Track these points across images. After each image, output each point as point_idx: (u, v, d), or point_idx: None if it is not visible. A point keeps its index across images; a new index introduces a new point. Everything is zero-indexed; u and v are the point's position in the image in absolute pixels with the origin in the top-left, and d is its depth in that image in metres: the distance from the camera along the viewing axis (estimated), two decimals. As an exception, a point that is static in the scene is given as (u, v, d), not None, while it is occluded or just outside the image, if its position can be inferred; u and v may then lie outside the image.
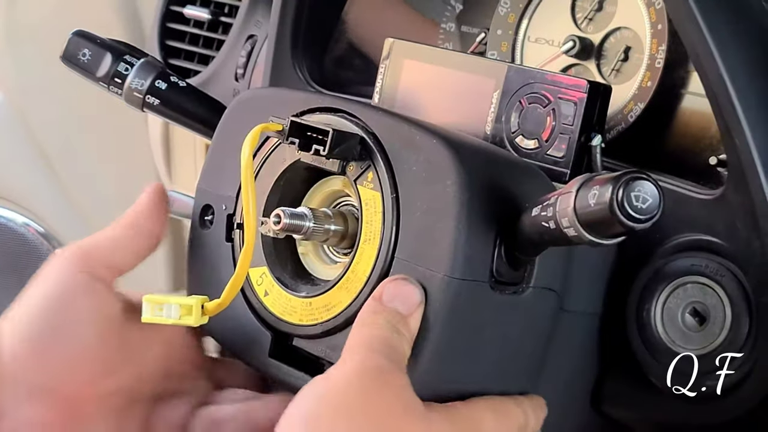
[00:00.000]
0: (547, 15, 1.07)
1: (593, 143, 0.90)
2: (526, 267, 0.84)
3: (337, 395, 0.75)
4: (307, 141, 0.86)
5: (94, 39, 1.07)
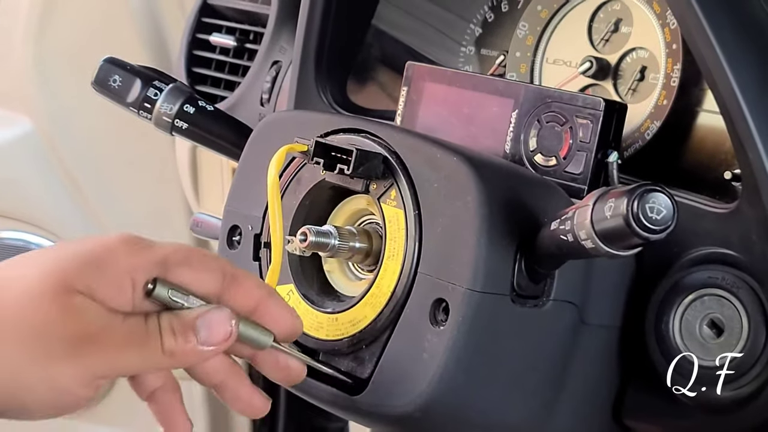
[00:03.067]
0: (564, 37, 1.09)
1: (610, 160, 0.92)
2: (546, 280, 0.86)
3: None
4: (331, 161, 0.89)
5: (124, 65, 1.09)
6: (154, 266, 0.78)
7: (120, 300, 0.77)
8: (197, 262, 0.79)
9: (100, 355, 0.76)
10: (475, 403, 0.86)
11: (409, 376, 0.86)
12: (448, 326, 0.84)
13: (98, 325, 0.76)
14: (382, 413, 0.88)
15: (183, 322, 0.78)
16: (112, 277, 0.77)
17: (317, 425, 1.78)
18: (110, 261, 0.77)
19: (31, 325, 0.75)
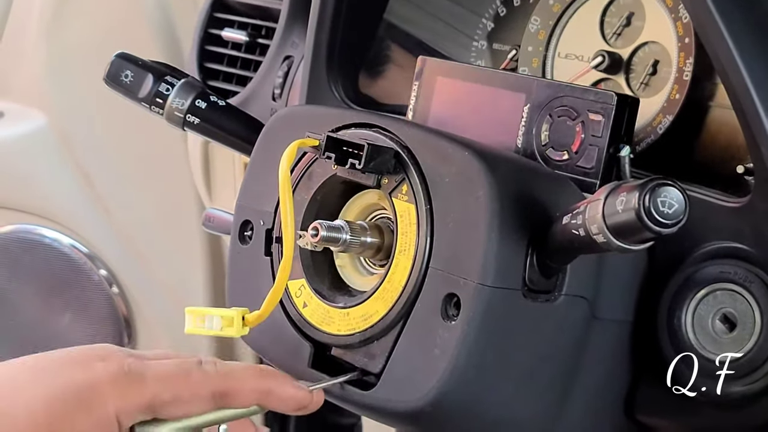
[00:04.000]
0: (576, 31, 1.09)
1: (622, 154, 0.92)
2: (557, 275, 0.86)
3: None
4: (342, 155, 0.89)
5: (135, 61, 1.10)
6: (141, 411, 0.80)
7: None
8: (187, 395, 0.81)
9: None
10: (486, 398, 0.86)
11: (421, 371, 0.86)
12: (459, 321, 0.84)
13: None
14: (394, 408, 0.88)
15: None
16: (100, 422, 0.79)
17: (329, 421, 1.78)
18: (98, 405, 0.79)
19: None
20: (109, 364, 0.81)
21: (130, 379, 0.80)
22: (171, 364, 0.82)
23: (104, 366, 0.81)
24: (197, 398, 0.81)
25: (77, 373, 0.80)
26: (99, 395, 0.79)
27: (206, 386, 0.82)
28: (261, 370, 0.85)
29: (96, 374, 0.80)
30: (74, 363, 0.81)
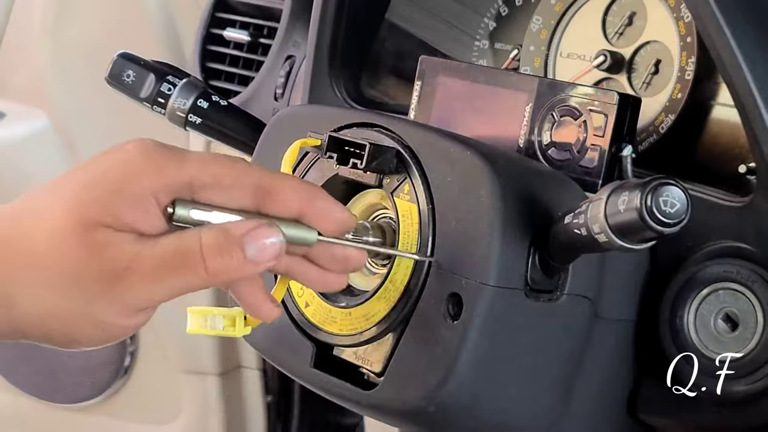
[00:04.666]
0: (578, 30, 1.09)
1: (624, 154, 0.92)
2: (560, 275, 0.86)
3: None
4: (344, 155, 0.89)
5: (137, 60, 1.10)
6: (179, 188, 0.73)
7: (148, 223, 0.73)
8: (228, 180, 0.74)
9: (136, 288, 0.73)
10: (489, 398, 0.86)
11: (423, 371, 0.86)
12: (461, 321, 0.84)
13: (128, 258, 0.72)
14: (396, 408, 0.88)
15: (229, 239, 0.73)
16: (136, 201, 0.72)
17: (332, 421, 1.78)
18: (132, 184, 0.72)
19: (64, 268, 0.73)
20: (143, 143, 0.74)
21: (167, 157, 0.73)
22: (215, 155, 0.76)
23: (136, 145, 0.74)
24: (239, 187, 0.74)
25: (111, 156, 0.74)
26: (132, 174, 0.72)
27: (250, 176, 0.75)
28: (307, 182, 0.79)
29: (128, 153, 0.73)
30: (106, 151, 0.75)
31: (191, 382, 1.80)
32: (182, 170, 0.73)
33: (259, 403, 1.81)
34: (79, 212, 0.72)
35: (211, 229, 0.74)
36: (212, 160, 0.75)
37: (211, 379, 1.79)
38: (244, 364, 1.80)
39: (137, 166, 0.73)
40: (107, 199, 0.72)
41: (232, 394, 1.81)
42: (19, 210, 0.75)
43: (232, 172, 0.74)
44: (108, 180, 0.73)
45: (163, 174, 0.73)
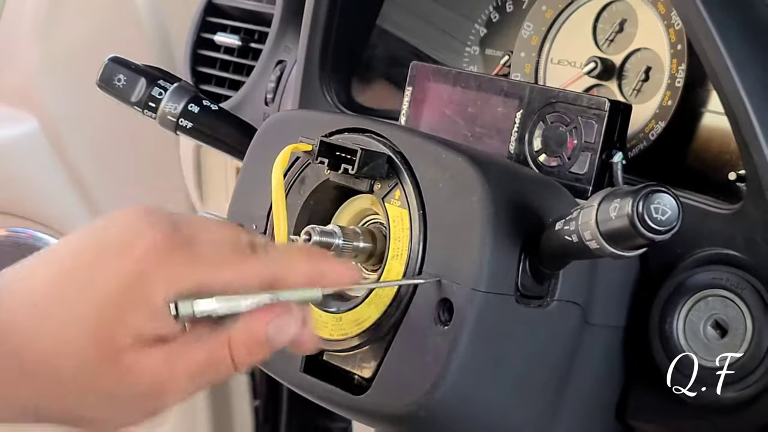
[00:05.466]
0: (569, 37, 1.09)
1: (614, 160, 0.92)
2: (550, 281, 0.86)
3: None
4: (336, 160, 0.89)
5: (128, 65, 1.10)
6: (189, 293, 0.74)
7: (167, 329, 0.73)
8: (237, 284, 0.74)
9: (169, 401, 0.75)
10: (479, 403, 0.87)
11: (413, 376, 0.86)
12: (452, 326, 0.84)
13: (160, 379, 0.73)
14: (386, 413, 0.88)
15: (257, 338, 0.74)
16: (154, 314, 0.73)
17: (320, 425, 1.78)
18: (149, 299, 0.72)
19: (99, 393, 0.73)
20: (153, 244, 0.73)
21: (180, 261, 0.73)
22: (224, 246, 0.75)
23: (147, 248, 0.73)
24: (246, 287, 0.74)
25: (120, 264, 0.73)
26: (148, 284, 0.72)
27: (258, 275, 0.75)
28: (311, 253, 0.79)
29: (141, 262, 0.72)
30: (114, 253, 0.73)
31: (179, 386, 1.80)
32: (193, 277, 0.73)
33: (247, 407, 1.81)
34: (105, 339, 0.72)
35: (235, 329, 0.74)
36: (221, 259, 0.74)
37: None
38: (232, 369, 1.79)
39: (152, 279, 0.73)
40: (129, 320, 0.72)
41: (219, 398, 1.81)
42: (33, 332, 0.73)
43: (240, 276, 0.75)
44: (125, 298, 0.72)
45: (175, 283, 0.73)
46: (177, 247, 0.73)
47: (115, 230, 0.74)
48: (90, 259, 0.74)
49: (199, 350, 0.74)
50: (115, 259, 0.73)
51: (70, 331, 0.73)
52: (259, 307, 0.74)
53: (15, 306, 0.74)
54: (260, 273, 0.75)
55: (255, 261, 0.75)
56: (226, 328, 0.74)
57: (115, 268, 0.73)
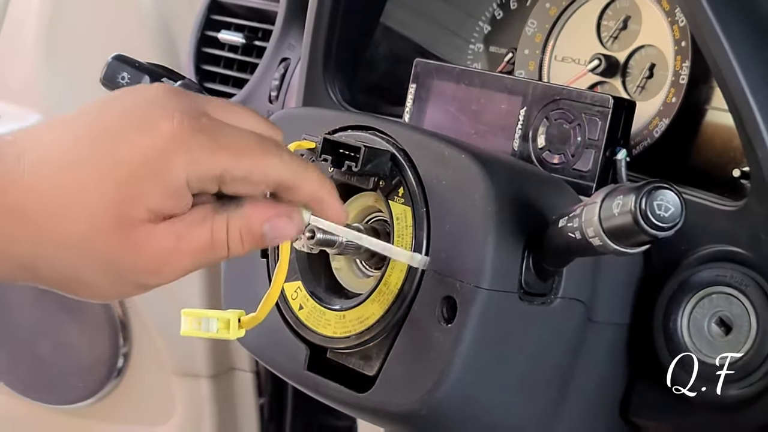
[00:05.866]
0: (573, 34, 1.09)
1: (618, 157, 0.92)
2: (553, 278, 0.86)
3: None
4: (339, 158, 0.89)
5: (132, 63, 1.10)
6: (209, 180, 0.74)
7: (180, 208, 0.74)
8: (257, 176, 0.75)
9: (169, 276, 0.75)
10: (482, 401, 0.86)
11: (417, 374, 0.86)
12: (455, 324, 0.84)
13: (167, 255, 0.74)
14: (390, 411, 0.88)
15: (252, 229, 0.75)
16: (173, 193, 0.73)
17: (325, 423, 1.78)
18: (170, 177, 0.72)
19: (102, 259, 0.74)
20: (180, 124, 0.72)
21: (204, 146, 0.73)
22: (248, 135, 0.76)
23: (173, 127, 0.72)
24: (265, 182, 0.75)
25: (143, 139, 0.72)
26: (170, 162, 0.72)
27: (278, 174, 0.75)
28: (324, 178, 0.79)
29: (165, 139, 0.72)
30: (137, 127, 0.73)
31: (184, 384, 1.80)
32: (216, 162, 0.73)
33: (252, 405, 1.81)
34: (120, 212, 0.73)
35: (235, 215, 0.75)
36: (245, 149, 0.75)
37: (204, 381, 1.79)
38: (237, 366, 1.80)
39: (175, 159, 0.73)
40: (147, 195, 0.73)
41: (224, 396, 1.81)
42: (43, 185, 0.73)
43: (261, 169, 0.75)
44: (147, 174, 0.72)
45: (198, 166, 0.73)
46: (202, 129, 0.74)
47: (142, 103, 0.74)
48: (113, 129, 0.74)
49: (204, 230, 0.75)
50: (138, 134, 0.73)
51: (84, 197, 0.73)
52: (263, 201, 0.76)
53: (26, 161, 0.73)
54: (279, 169, 0.76)
55: (276, 158, 0.76)
56: (227, 211, 0.75)
57: (138, 143, 0.73)
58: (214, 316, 0.89)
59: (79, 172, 0.73)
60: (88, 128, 0.74)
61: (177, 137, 0.73)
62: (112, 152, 0.73)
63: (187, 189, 0.73)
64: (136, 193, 0.72)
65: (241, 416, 1.83)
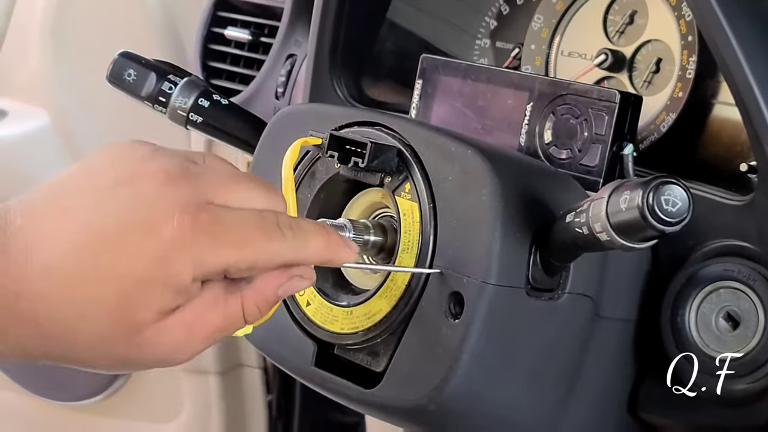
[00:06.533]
0: (579, 29, 1.09)
1: (625, 152, 0.92)
2: (561, 274, 0.86)
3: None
4: (346, 154, 0.89)
5: (138, 60, 1.10)
6: (217, 275, 0.74)
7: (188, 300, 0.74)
8: (261, 264, 0.75)
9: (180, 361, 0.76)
10: (490, 397, 0.86)
11: (424, 370, 0.86)
12: (463, 319, 0.84)
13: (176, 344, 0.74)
14: (397, 406, 0.88)
15: (267, 298, 0.76)
16: (179, 293, 0.73)
17: (333, 419, 1.78)
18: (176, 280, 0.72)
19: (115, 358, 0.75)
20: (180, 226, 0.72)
21: (206, 247, 0.73)
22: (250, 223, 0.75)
23: (173, 231, 0.72)
24: (270, 267, 0.76)
25: (145, 247, 0.72)
26: (174, 267, 0.72)
27: (282, 258, 0.76)
28: (330, 242, 0.79)
29: (167, 245, 0.72)
30: (138, 235, 0.72)
31: (192, 380, 1.80)
32: (220, 261, 0.74)
33: (260, 401, 1.81)
34: (129, 320, 0.73)
35: (250, 294, 0.76)
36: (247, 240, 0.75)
37: (212, 378, 1.79)
38: (245, 363, 1.80)
39: (178, 262, 0.72)
40: (154, 300, 0.73)
41: (232, 392, 1.81)
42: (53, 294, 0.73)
43: (265, 256, 0.75)
44: (151, 281, 0.72)
45: (203, 267, 0.73)
46: (203, 229, 0.73)
47: (141, 203, 0.73)
48: (113, 238, 0.73)
49: (216, 314, 0.75)
50: (140, 243, 0.72)
51: (92, 310, 0.73)
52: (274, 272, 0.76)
53: (33, 263, 0.73)
54: (283, 253, 0.76)
55: (278, 242, 0.76)
56: (239, 288, 0.76)
57: (141, 253, 0.72)
58: (221, 313, 0.89)
59: (85, 287, 0.73)
60: (87, 234, 0.73)
61: (178, 242, 0.72)
62: (115, 266, 0.72)
63: (193, 285, 0.74)
64: (143, 301, 0.73)
65: (250, 413, 1.83)
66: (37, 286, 0.72)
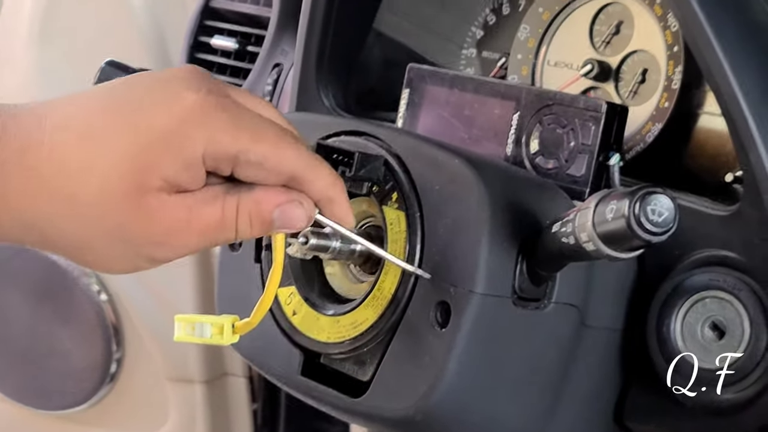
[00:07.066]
0: (565, 39, 1.09)
1: (611, 162, 0.92)
2: (547, 283, 0.86)
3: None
4: (333, 163, 0.89)
5: (125, 68, 1.09)
6: (224, 160, 0.74)
7: (194, 183, 0.74)
8: (271, 163, 0.75)
9: (177, 250, 0.76)
10: (476, 406, 0.87)
11: (411, 379, 0.86)
12: (449, 328, 0.84)
13: (178, 226, 0.74)
14: (383, 416, 0.88)
15: (261, 213, 0.76)
16: (189, 166, 0.73)
17: (319, 429, 1.78)
18: (188, 151, 0.73)
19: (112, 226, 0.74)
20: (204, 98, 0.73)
21: (224, 124, 0.73)
22: (268, 123, 0.76)
23: (196, 100, 0.73)
24: (277, 171, 0.75)
25: (165, 109, 0.73)
26: (189, 135, 0.73)
27: (292, 165, 0.76)
28: (336, 177, 0.79)
29: (186, 110, 0.73)
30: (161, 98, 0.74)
31: (177, 389, 1.80)
32: (234, 143, 0.74)
33: (246, 410, 1.81)
34: (135, 178, 0.73)
35: (245, 197, 0.76)
36: (263, 135, 0.75)
37: (197, 387, 1.79)
38: (230, 372, 1.80)
39: (195, 132, 0.73)
40: (163, 165, 0.73)
41: (218, 401, 1.81)
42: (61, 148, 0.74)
43: (277, 157, 0.75)
44: (165, 144, 0.73)
45: (216, 144, 0.74)
46: (225, 108, 0.74)
47: (170, 77, 0.75)
48: (137, 99, 0.74)
49: (215, 208, 0.75)
50: (161, 104, 0.74)
51: (100, 162, 0.73)
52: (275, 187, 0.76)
53: (46, 126, 0.74)
54: (294, 161, 0.76)
55: (292, 149, 0.76)
56: (238, 192, 0.76)
57: (160, 113, 0.73)
58: (207, 322, 0.89)
59: (98, 139, 0.74)
60: (113, 99, 0.75)
61: (198, 111, 0.73)
62: (133, 120, 0.74)
63: (202, 164, 0.74)
64: (153, 162, 0.73)
65: (235, 422, 1.83)
66: (46, 140, 0.73)
